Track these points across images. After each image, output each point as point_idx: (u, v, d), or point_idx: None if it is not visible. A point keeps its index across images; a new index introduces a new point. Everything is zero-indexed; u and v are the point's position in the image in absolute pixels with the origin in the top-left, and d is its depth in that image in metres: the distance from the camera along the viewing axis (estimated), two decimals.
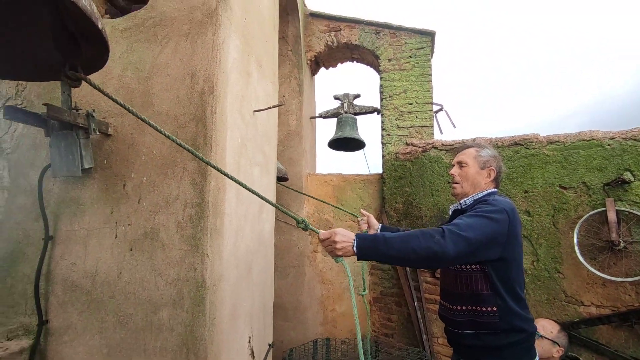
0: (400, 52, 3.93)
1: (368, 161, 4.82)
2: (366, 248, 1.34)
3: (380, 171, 3.99)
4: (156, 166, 1.57)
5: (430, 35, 3.82)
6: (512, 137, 3.02)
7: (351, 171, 4.26)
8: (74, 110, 1.43)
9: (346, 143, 4.40)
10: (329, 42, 4.28)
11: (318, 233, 1.43)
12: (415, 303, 3.41)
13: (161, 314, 1.48)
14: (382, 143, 3.97)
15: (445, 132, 4.83)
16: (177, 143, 1.24)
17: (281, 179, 3.50)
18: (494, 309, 1.45)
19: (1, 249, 1.67)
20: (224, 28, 1.65)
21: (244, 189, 1.92)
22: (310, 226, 1.46)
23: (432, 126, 3.77)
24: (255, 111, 2.11)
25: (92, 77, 1.63)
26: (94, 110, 1.49)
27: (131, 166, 1.59)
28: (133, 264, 1.53)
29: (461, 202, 1.66)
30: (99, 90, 1.19)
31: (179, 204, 1.53)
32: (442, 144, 3.37)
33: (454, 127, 3.94)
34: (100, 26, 1.06)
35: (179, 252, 1.50)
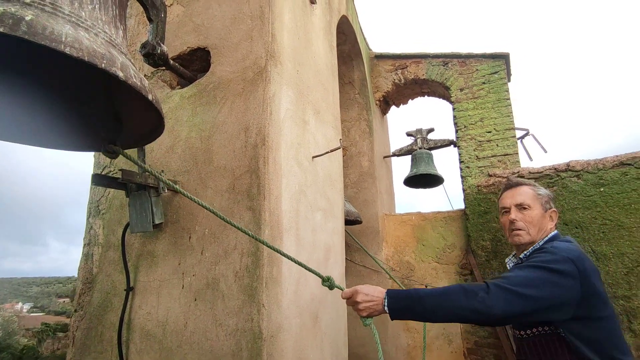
0: (472, 80, 3.73)
1: (450, 197, 4.53)
2: (400, 308, 1.21)
3: (463, 206, 3.69)
4: (216, 218, 1.65)
5: (503, 57, 3.58)
6: (617, 156, 2.57)
7: (434, 209, 4.03)
8: (146, 172, 1.61)
9: (423, 180, 4.21)
10: (396, 81, 4.27)
11: (342, 290, 1.36)
12: None
13: None
14: (462, 176, 3.70)
15: (535, 159, 4.34)
16: (218, 215, 1.29)
17: (354, 222, 3.44)
18: None
19: (96, 299, 1.88)
20: (273, 82, 1.74)
21: (304, 235, 1.92)
22: (336, 284, 1.39)
23: (517, 153, 3.41)
24: (314, 157, 2.14)
25: (164, 140, 1.83)
26: (162, 171, 1.65)
27: (195, 219, 1.70)
28: (197, 314, 1.59)
29: (522, 255, 1.40)
30: (127, 157, 1.30)
31: (237, 254, 1.58)
32: (530, 172, 3.01)
33: (545, 151, 3.53)
34: (150, 98, 1.19)
35: (237, 302, 1.52)
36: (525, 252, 1.38)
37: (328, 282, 1.38)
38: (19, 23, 0.82)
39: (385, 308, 1.21)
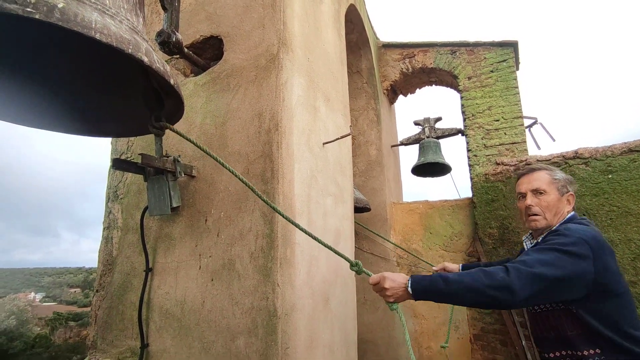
0: (480, 68, 3.73)
1: (457, 186, 4.56)
2: (423, 288, 1.26)
3: (470, 195, 3.72)
4: (232, 201, 1.72)
5: (512, 45, 3.57)
6: (625, 143, 2.58)
7: (442, 198, 4.07)
8: (164, 157, 1.66)
9: (431, 168, 4.24)
10: (404, 70, 4.27)
11: (370, 276, 1.41)
12: (523, 342, 2.98)
13: (238, 342, 1.55)
14: (469, 165, 3.72)
15: (543, 147, 4.34)
16: (241, 180, 1.35)
17: (363, 209, 3.49)
18: (597, 351, 1.20)
19: (116, 280, 1.96)
20: (286, 69, 1.78)
21: (316, 219, 1.97)
22: (364, 269, 1.44)
23: (525, 142, 3.42)
24: (324, 143, 2.18)
25: (179, 127, 1.88)
26: (179, 156, 1.71)
27: (211, 203, 1.76)
28: (214, 293, 1.65)
29: (539, 239, 1.43)
30: (178, 133, 1.38)
31: (252, 236, 1.63)
32: (537, 160, 3.02)
33: (553, 140, 3.54)
34: (172, 82, 1.24)
35: (252, 281, 1.59)
36: (542, 236, 1.42)
37: (356, 267, 1.42)
38: (53, 10, 0.87)
39: (409, 289, 1.26)
